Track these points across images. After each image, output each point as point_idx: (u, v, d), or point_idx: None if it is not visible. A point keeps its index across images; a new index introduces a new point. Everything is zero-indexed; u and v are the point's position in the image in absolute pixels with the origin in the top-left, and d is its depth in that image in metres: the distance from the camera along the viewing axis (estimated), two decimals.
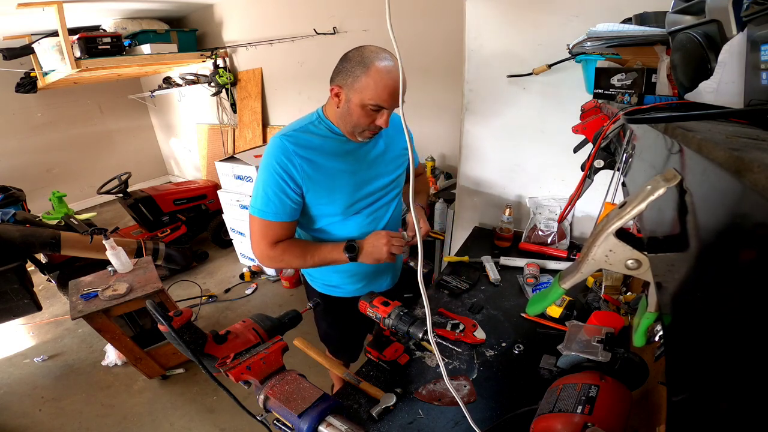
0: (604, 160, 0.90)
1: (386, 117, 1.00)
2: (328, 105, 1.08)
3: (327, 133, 1.08)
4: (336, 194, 1.10)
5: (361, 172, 1.13)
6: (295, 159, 1.02)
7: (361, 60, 0.95)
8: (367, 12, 2.75)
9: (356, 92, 0.96)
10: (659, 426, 0.68)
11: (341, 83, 0.99)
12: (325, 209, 1.12)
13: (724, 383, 0.21)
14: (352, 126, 1.03)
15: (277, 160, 1.02)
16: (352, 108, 0.99)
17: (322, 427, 0.65)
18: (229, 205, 3.08)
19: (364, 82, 0.94)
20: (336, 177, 1.09)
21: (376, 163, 1.17)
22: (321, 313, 1.43)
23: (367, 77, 0.94)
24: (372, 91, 0.94)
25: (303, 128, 1.07)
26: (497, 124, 1.70)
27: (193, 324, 0.73)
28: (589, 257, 0.44)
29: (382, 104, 0.97)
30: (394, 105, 0.97)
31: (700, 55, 0.43)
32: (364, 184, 1.15)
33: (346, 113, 1.01)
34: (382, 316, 0.99)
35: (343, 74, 0.98)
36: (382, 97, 0.95)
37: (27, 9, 2.55)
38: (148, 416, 2.08)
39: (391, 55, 0.97)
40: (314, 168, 1.05)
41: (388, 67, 0.94)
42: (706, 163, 0.26)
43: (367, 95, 0.95)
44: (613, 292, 1.10)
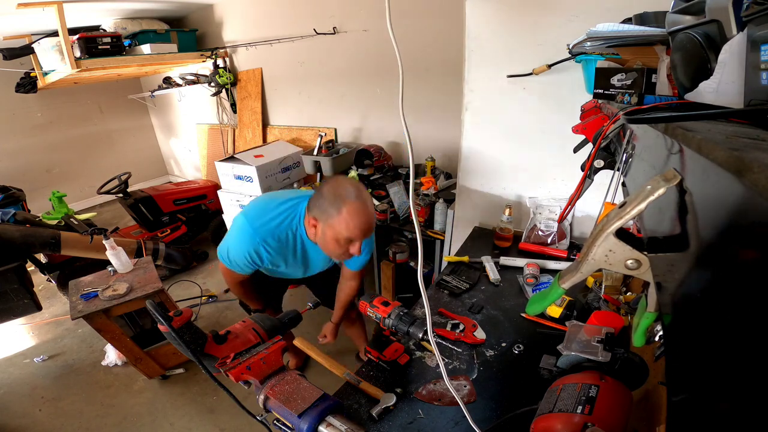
0: (604, 160, 0.90)
1: (358, 246, 1.13)
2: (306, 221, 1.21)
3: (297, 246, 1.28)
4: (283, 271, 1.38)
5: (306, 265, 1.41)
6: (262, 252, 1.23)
7: (334, 200, 1.07)
8: (367, 12, 2.75)
9: (330, 228, 1.09)
10: (659, 426, 0.68)
11: (317, 217, 1.12)
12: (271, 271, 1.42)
13: (724, 383, 0.21)
14: (327, 252, 1.19)
15: (248, 246, 1.22)
16: (327, 240, 1.12)
17: (322, 427, 0.65)
18: (229, 205, 3.08)
19: (336, 221, 1.07)
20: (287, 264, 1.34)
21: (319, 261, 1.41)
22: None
23: (340, 217, 1.06)
24: (344, 229, 1.07)
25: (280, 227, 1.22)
26: (497, 124, 1.69)
27: (193, 324, 0.73)
28: (589, 257, 0.44)
29: (355, 239, 1.10)
30: (366, 237, 1.13)
31: (700, 55, 0.43)
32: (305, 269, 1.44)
33: (322, 243, 1.16)
34: (382, 316, 0.99)
35: (318, 209, 1.11)
36: (354, 234, 1.08)
37: (27, 9, 2.55)
38: (148, 416, 2.08)
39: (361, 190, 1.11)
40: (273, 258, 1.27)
41: (358, 206, 1.07)
42: (706, 163, 0.26)
43: (339, 231, 1.08)
44: (613, 292, 1.10)
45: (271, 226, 1.22)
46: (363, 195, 1.09)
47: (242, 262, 1.26)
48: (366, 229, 1.09)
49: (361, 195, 1.09)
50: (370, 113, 3.06)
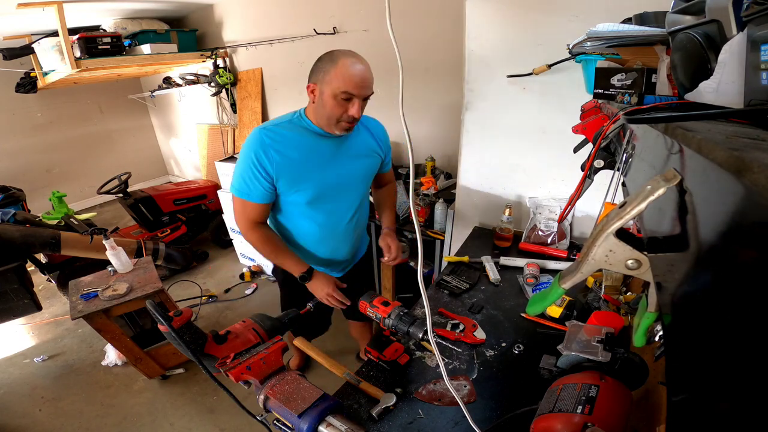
0: (604, 160, 0.90)
1: (357, 106, 1.12)
2: (308, 104, 1.21)
3: (304, 130, 1.21)
4: (304, 185, 1.22)
5: (331, 171, 1.26)
6: (270, 151, 1.15)
7: (330, 58, 1.09)
8: (367, 12, 2.75)
9: (327, 84, 1.09)
10: (659, 426, 0.68)
11: (315, 80, 1.12)
12: (291, 197, 1.25)
13: (724, 383, 0.21)
14: (326, 117, 1.15)
15: (254, 151, 1.15)
16: (325, 100, 1.11)
17: (322, 427, 0.65)
18: (229, 205, 3.08)
19: (333, 74, 1.07)
20: (305, 169, 1.21)
21: (346, 165, 1.29)
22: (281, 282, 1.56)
23: (335, 69, 1.07)
24: (340, 81, 1.07)
25: (282, 124, 1.20)
26: (497, 124, 1.69)
27: (193, 324, 0.73)
28: (589, 257, 0.44)
29: (351, 91, 1.08)
30: (363, 93, 1.11)
31: (700, 55, 0.43)
32: (332, 182, 1.27)
33: (320, 106, 1.13)
34: (382, 316, 0.99)
35: (316, 72, 1.12)
36: (349, 86, 1.08)
37: (27, 9, 2.55)
38: (148, 416, 2.08)
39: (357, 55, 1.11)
40: (286, 160, 1.17)
41: (353, 60, 1.08)
42: (706, 163, 0.26)
43: (336, 85, 1.07)
44: (613, 292, 1.10)
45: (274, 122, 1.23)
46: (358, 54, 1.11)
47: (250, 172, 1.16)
48: (362, 83, 1.09)
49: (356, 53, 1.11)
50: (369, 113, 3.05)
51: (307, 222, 1.32)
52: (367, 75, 1.11)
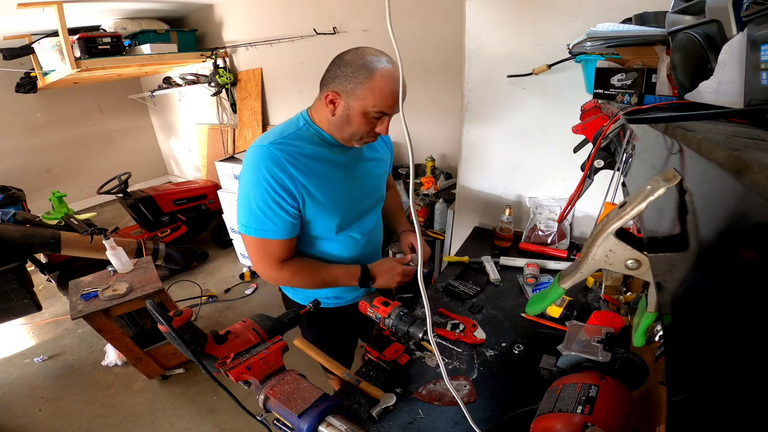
0: (604, 160, 0.90)
1: (387, 123, 0.96)
2: (317, 111, 1.01)
3: (318, 141, 1.01)
4: (333, 207, 1.03)
5: (355, 183, 1.08)
6: (289, 168, 0.93)
7: (363, 65, 0.88)
8: (367, 12, 2.75)
9: (358, 99, 0.90)
10: (659, 426, 0.68)
11: (339, 90, 0.92)
12: (319, 226, 1.05)
13: (724, 383, 0.21)
14: (350, 134, 0.97)
15: (268, 170, 0.92)
16: (352, 115, 0.93)
17: (322, 427, 0.65)
18: (229, 205, 3.09)
19: (367, 89, 0.89)
20: (333, 188, 1.02)
21: (367, 173, 1.12)
22: (305, 327, 1.33)
23: (372, 83, 0.88)
24: (377, 98, 0.90)
25: (291, 135, 0.98)
26: (497, 124, 1.69)
27: (193, 324, 0.73)
28: (589, 257, 0.44)
29: (387, 111, 0.93)
30: (396, 111, 0.93)
31: (700, 55, 0.43)
32: (358, 195, 1.11)
33: (343, 121, 0.95)
34: (382, 316, 0.99)
35: (342, 80, 0.91)
36: (387, 104, 0.91)
37: (27, 9, 2.55)
38: (148, 416, 2.08)
39: (391, 58, 0.93)
40: (311, 178, 0.96)
41: (393, 71, 0.90)
42: (706, 163, 0.26)
43: (371, 103, 0.90)
44: (613, 292, 1.10)
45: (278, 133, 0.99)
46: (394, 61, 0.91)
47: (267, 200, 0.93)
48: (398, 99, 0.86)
49: (393, 60, 0.92)
50: None
51: (345, 248, 1.14)
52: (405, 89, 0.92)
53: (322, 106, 0.97)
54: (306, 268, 1.07)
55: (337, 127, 0.98)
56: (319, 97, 0.98)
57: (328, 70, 0.95)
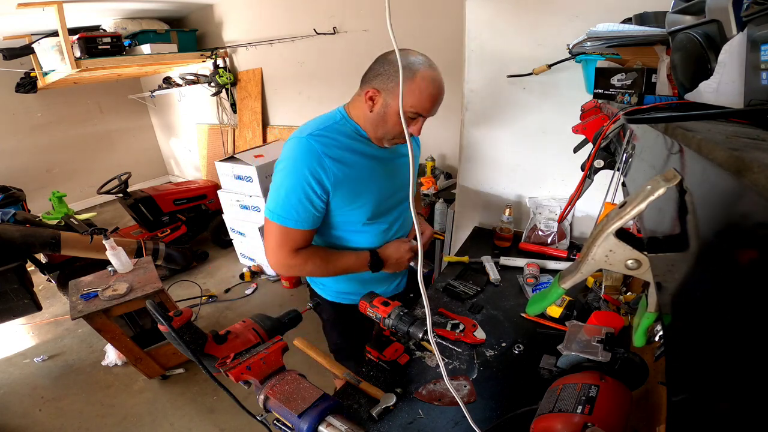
0: (604, 160, 0.90)
1: (420, 125, 0.99)
2: (354, 107, 1.04)
3: (354, 135, 1.04)
4: (363, 200, 1.06)
5: (386, 179, 1.11)
6: (326, 161, 0.97)
7: (406, 65, 0.91)
8: (367, 12, 2.75)
9: (397, 98, 0.93)
10: (659, 426, 0.68)
11: (380, 87, 0.95)
12: (348, 216, 1.08)
13: (724, 383, 0.21)
14: (384, 132, 1.00)
15: (306, 164, 0.96)
16: (389, 113, 0.96)
17: (322, 427, 0.65)
18: (229, 205, 3.08)
19: (407, 89, 0.91)
20: (365, 181, 1.05)
21: (397, 169, 1.15)
22: (331, 323, 1.35)
23: (413, 84, 0.91)
24: (416, 99, 0.92)
25: (329, 127, 1.02)
26: (497, 124, 1.70)
27: (193, 324, 0.73)
28: (589, 257, 0.44)
29: (423, 113, 0.96)
30: (433, 114, 0.98)
31: (700, 55, 0.43)
32: (388, 190, 1.12)
33: (379, 119, 0.98)
34: (382, 316, 0.99)
35: (383, 78, 0.94)
36: (425, 106, 0.94)
37: (27, 9, 2.55)
38: (148, 416, 2.08)
39: (433, 63, 0.96)
40: (345, 170, 1.00)
41: (434, 75, 0.93)
42: (706, 163, 0.26)
43: (409, 102, 0.93)
44: (613, 292, 1.10)
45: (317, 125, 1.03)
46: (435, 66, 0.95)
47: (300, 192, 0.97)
48: (436, 102, 0.96)
49: (434, 65, 0.95)
50: None
51: (360, 242, 1.16)
52: (443, 93, 0.97)
53: (361, 102, 1.00)
54: (318, 254, 1.09)
55: (372, 124, 1.01)
56: (359, 93, 1.02)
57: (371, 68, 0.98)
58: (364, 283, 1.25)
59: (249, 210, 2.97)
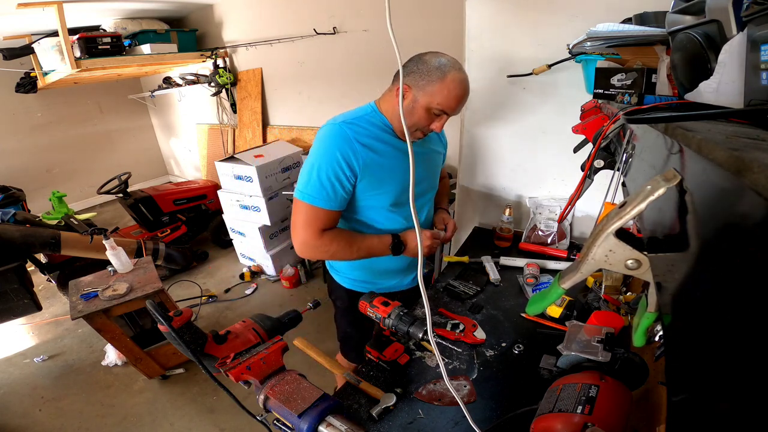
0: (604, 160, 0.90)
1: (443, 122, 1.07)
2: (385, 102, 1.13)
3: (383, 126, 1.12)
4: (388, 186, 1.14)
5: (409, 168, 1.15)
6: (357, 146, 1.04)
7: (438, 66, 1.00)
8: (367, 12, 2.75)
9: (426, 95, 1.01)
10: (659, 426, 0.68)
11: (411, 83, 1.03)
12: (373, 200, 1.15)
13: (724, 383, 0.21)
14: (409, 125, 1.07)
15: (338, 147, 1.03)
16: (416, 108, 1.03)
17: (322, 427, 0.65)
18: (229, 205, 3.08)
19: (437, 87, 1.00)
20: (391, 169, 1.12)
21: (423, 161, 1.24)
22: (343, 310, 1.41)
23: (443, 83, 0.99)
24: (444, 97, 1.00)
25: (359, 117, 1.11)
26: (497, 124, 1.70)
27: (193, 324, 0.73)
28: (589, 257, 0.44)
29: (449, 111, 1.04)
30: (457, 113, 1.07)
31: (700, 55, 0.43)
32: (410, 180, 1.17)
33: (407, 112, 1.05)
34: (382, 316, 0.99)
35: (416, 75, 1.02)
36: (450, 105, 1.02)
37: (27, 9, 2.55)
38: (148, 416, 2.08)
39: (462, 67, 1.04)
40: (373, 157, 1.07)
41: (462, 78, 1.02)
42: (706, 163, 0.26)
43: (436, 100, 1.01)
44: (613, 292, 1.10)
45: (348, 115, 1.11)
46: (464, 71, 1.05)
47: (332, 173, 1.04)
48: (461, 102, 1.05)
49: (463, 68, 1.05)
50: None
51: (384, 226, 1.22)
52: (468, 93, 1.06)
53: (392, 97, 1.10)
54: (343, 236, 1.15)
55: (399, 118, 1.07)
56: (390, 89, 1.12)
57: (405, 65, 1.05)
58: (381, 273, 1.31)
59: (249, 210, 2.97)
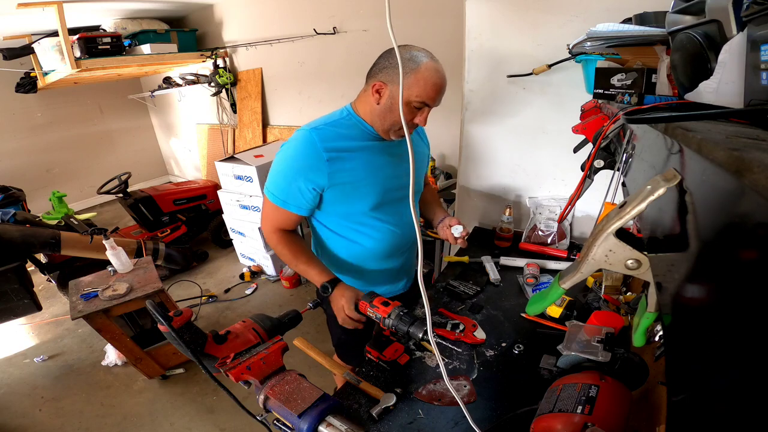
0: (604, 160, 0.90)
1: (426, 115, 1.02)
2: (361, 103, 1.08)
3: (357, 131, 1.08)
4: (365, 189, 1.10)
5: (389, 171, 1.13)
6: (322, 155, 1.01)
7: (410, 57, 0.95)
8: (367, 12, 2.75)
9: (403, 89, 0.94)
10: (659, 426, 0.68)
11: (386, 80, 0.99)
12: (352, 205, 1.12)
13: (724, 383, 0.21)
14: (390, 123, 1.03)
15: (302, 154, 1.02)
16: (395, 104, 0.99)
17: (322, 427, 0.65)
18: (229, 205, 3.08)
19: (413, 80, 0.95)
20: (365, 175, 1.08)
21: (402, 163, 1.17)
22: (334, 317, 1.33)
23: (417, 75, 0.95)
24: (421, 88, 0.96)
25: (333, 123, 1.07)
26: (497, 124, 1.70)
27: (193, 324, 0.73)
28: (589, 257, 0.44)
29: (429, 102, 0.99)
30: (438, 103, 1.02)
31: (700, 55, 0.43)
32: (394, 184, 1.14)
33: (386, 110, 1.01)
34: (382, 316, 0.99)
35: (389, 70, 0.98)
36: (430, 95, 0.97)
37: (27, 9, 2.55)
38: (148, 416, 2.08)
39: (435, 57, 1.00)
40: (341, 165, 1.04)
41: (436, 66, 0.97)
42: (706, 163, 0.26)
43: (414, 92, 0.96)
44: (613, 292, 1.10)
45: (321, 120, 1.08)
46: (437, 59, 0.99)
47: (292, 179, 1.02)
48: (440, 91, 0.99)
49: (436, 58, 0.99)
50: None
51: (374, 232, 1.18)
52: (446, 84, 1.01)
53: (368, 97, 1.04)
54: (292, 245, 1.14)
55: (380, 117, 1.04)
56: (365, 88, 1.06)
57: (376, 63, 1.02)
58: (369, 281, 1.27)
59: (249, 210, 2.97)
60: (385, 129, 1.06)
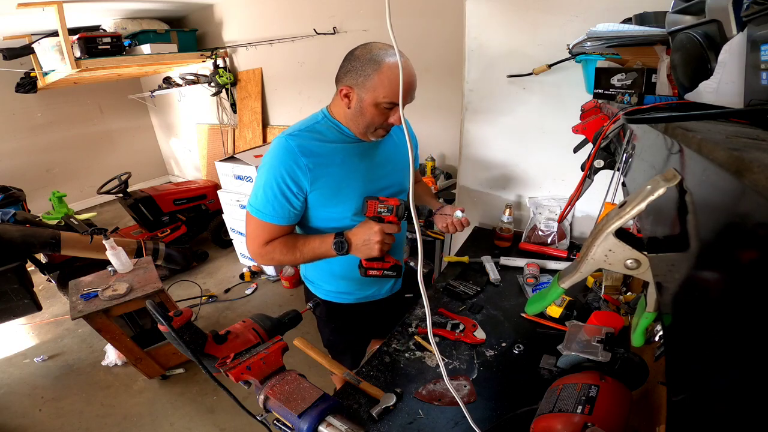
0: (604, 160, 0.90)
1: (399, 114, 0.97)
2: (335, 106, 1.07)
3: (335, 134, 1.06)
4: (345, 195, 1.07)
5: (371, 173, 1.11)
6: (301, 160, 0.99)
7: (371, 58, 0.93)
8: (367, 12, 2.75)
9: (369, 91, 0.95)
10: (659, 426, 0.68)
11: (351, 83, 0.97)
12: (333, 211, 1.09)
13: (724, 383, 0.21)
14: (365, 126, 1.02)
15: (281, 162, 0.99)
16: (365, 107, 0.98)
17: (322, 427, 0.65)
18: (229, 205, 3.08)
19: (376, 81, 0.93)
20: (345, 178, 1.06)
21: (385, 163, 1.15)
22: (324, 319, 1.36)
23: (380, 75, 0.93)
24: (386, 88, 0.94)
25: (309, 128, 1.05)
26: (497, 124, 1.70)
27: (193, 324, 0.73)
28: (589, 257, 0.44)
29: (395, 101, 0.96)
30: (408, 101, 0.98)
31: (700, 55, 0.43)
32: (374, 184, 1.12)
33: (357, 113, 1.00)
34: (395, 205, 0.99)
35: (353, 74, 0.96)
36: (395, 94, 0.94)
37: (27, 9, 2.55)
38: (148, 416, 2.08)
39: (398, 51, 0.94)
40: (321, 169, 1.02)
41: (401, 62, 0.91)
42: (706, 163, 0.26)
43: (381, 93, 0.94)
44: (613, 292, 1.10)
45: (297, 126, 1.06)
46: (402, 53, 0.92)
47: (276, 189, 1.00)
48: (409, 89, 0.96)
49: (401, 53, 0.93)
50: None
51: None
52: (414, 79, 0.98)
53: (339, 101, 1.03)
54: (284, 242, 1.08)
55: (353, 120, 1.03)
56: (336, 93, 1.04)
57: (341, 66, 1.00)
58: (355, 283, 1.25)
59: None
60: (361, 131, 1.04)
